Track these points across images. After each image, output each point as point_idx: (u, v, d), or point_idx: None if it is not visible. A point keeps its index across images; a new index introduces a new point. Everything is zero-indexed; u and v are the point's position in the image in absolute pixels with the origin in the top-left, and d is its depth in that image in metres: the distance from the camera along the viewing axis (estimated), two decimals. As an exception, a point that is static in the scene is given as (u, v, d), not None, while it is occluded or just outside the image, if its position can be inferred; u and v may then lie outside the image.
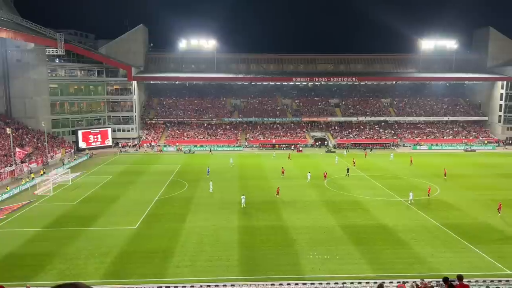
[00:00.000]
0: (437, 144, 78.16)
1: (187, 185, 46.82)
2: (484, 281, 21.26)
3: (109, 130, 77.21)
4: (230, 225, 32.44)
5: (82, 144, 72.29)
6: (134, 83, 79.42)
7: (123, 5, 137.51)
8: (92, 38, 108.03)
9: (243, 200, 37.65)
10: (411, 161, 60.74)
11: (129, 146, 76.05)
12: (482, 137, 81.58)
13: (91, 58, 76.36)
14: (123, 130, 79.60)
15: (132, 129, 79.85)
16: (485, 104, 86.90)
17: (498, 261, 25.50)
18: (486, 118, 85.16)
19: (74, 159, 63.12)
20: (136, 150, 74.39)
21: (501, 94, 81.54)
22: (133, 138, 79.11)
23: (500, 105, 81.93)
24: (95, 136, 74.76)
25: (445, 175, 50.79)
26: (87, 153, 68.10)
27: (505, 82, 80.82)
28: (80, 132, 72.71)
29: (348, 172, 51.98)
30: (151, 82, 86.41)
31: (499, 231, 31.17)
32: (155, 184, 47.23)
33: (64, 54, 69.36)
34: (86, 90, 78.20)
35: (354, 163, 59.27)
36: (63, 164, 58.45)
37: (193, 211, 36.40)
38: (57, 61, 73.57)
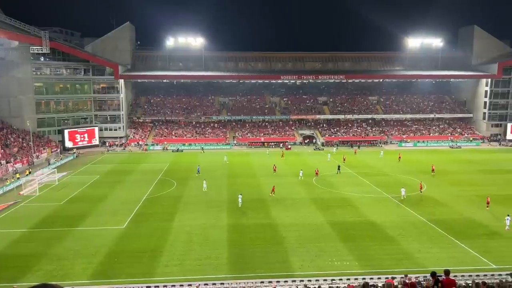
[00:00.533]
0: (423, 141, 79.10)
1: (176, 183, 46.61)
2: (470, 276, 21.65)
3: (96, 129, 76.40)
4: (219, 224, 32.41)
5: (68, 144, 71.40)
6: (121, 81, 78.67)
7: (109, 3, 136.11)
8: (78, 36, 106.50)
9: (240, 199, 37.27)
10: (399, 157, 61.42)
11: (117, 145, 75.38)
12: (467, 134, 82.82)
13: (77, 56, 75.37)
14: (110, 129, 78.81)
15: (120, 128, 79.12)
16: (470, 101, 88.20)
17: (483, 255, 25.95)
18: (471, 115, 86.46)
19: (61, 159, 62.32)
20: (124, 149, 73.79)
21: (486, 91, 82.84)
22: (121, 137, 78.41)
23: (485, 102, 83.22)
24: (82, 135, 73.91)
25: (432, 171, 51.56)
26: (74, 153, 67.29)
27: (489, 80, 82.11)
28: (66, 131, 71.80)
29: (339, 169, 52.34)
30: (139, 80, 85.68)
31: (484, 226, 31.72)
32: (143, 183, 46.91)
33: (49, 52, 68.34)
34: (72, 88, 77.18)
35: (344, 159, 59.80)
36: (49, 164, 57.67)
37: (182, 210, 36.27)
38: (42, 60, 72.42)
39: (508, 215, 31.29)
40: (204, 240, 28.99)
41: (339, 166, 53.13)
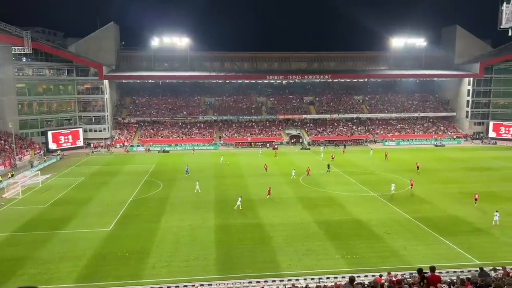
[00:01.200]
0: (408, 140, 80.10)
1: (162, 185, 46.30)
2: (455, 272, 22.05)
3: (81, 130, 75.38)
4: (207, 224, 32.32)
5: (52, 145, 70.26)
6: (106, 82, 77.79)
7: (93, 3, 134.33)
8: (61, 36, 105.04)
9: (239, 202, 36.42)
10: (386, 155, 62.06)
11: (102, 146, 74.49)
12: (451, 132, 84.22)
13: (60, 56, 74.17)
14: (95, 130, 77.85)
15: (104, 129, 78.21)
16: (453, 100, 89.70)
17: (467, 251, 26.45)
18: (454, 113, 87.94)
19: (44, 161, 61.30)
20: (108, 150, 72.96)
21: (468, 90, 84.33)
22: (106, 138, 77.53)
23: (467, 101, 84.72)
24: (66, 137, 72.83)
25: (417, 169, 52.37)
26: (58, 154, 66.26)
27: (471, 79, 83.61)
28: (50, 133, 70.65)
29: (328, 168, 52.73)
30: (123, 81, 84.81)
31: (468, 223, 32.30)
32: (129, 184, 46.47)
33: (31, 52, 67.10)
34: (56, 89, 75.97)
35: (332, 158, 60.38)
36: (32, 166, 56.68)
37: (169, 211, 36.05)
38: (24, 60, 71.08)
39: (496, 211, 32.05)
40: (192, 241, 28.87)
41: (328, 165, 53.52)
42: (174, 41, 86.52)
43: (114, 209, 36.55)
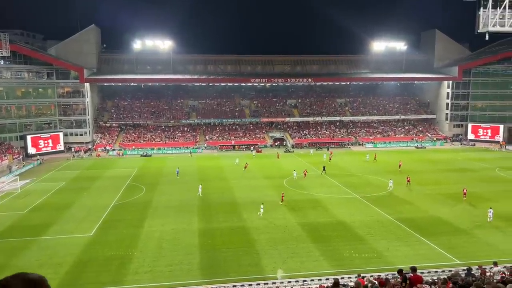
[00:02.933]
0: (390, 142, 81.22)
1: (145, 189, 45.78)
2: (436, 271, 22.39)
3: (61, 134, 74.04)
4: (190, 228, 32.07)
5: (31, 150, 68.79)
6: (87, 85, 76.65)
7: (74, 5, 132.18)
8: (40, 39, 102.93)
9: (261, 210, 35.16)
10: (375, 157, 62.69)
11: (83, 151, 73.24)
12: (431, 134, 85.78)
13: (39, 59, 72.81)
14: (76, 134, 76.57)
15: (86, 133, 76.99)
16: (433, 103, 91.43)
17: (448, 251, 26.90)
18: (434, 116, 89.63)
19: (23, 166, 59.95)
20: (90, 154, 71.82)
21: (447, 93, 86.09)
22: (87, 142, 76.33)
23: (447, 104, 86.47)
24: (46, 141, 71.40)
25: (399, 167, 53.64)
26: (37, 159, 64.89)
27: (450, 82, 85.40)
28: (29, 137, 69.14)
29: (324, 169, 53.06)
30: (105, 84, 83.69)
31: (448, 223, 32.87)
32: (111, 189, 45.80)
33: (9, 55, 65.61)
34: (35, 93, 74.49)
35: (330, 158, 62.20)
36: (10, 171, 55.35)
37: (152, 215, 35.66)
38: (2, 63, 69.51)
39: (490, 208, 33.22)
40: (175, 245, 28.60)
41: (324, 167, 53.85)
42: (157, 43, 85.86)
43: (95, 214, 35.95)
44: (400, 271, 14.50)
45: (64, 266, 25.27)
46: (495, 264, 19.73)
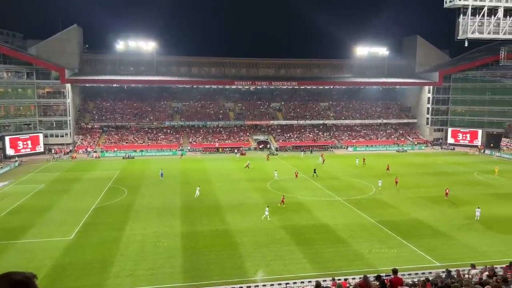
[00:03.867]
0: (372, 146, 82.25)
1: (127, 191, 45.20)
2: (416, 273, 22.71)
3: (41, 135, 72.58)
4: (173, 231, 31.79)
5: (10, 151, 67.20)
6: (68, 85, 75.38)
7: (55, 4, 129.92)
8: (20, 38, 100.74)
9: (266, 212, 35.27)
10: (364, 161, 62.98)
11: (63, 153, 71.92)
12: (412, 138, 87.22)
13: (19, 58, 71.30)
14: (56, 136, 75.15)
15: (66, 134, 75.67)
16: (414, 107, 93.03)
17: (428, 254, 27.33)
18: (415, 120, 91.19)
19: (1, 167, 58.51)
20: (71, 156, 70.53)
21: (428, 98, 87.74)
22: (68, 144, 75.01)
23: (428, 108, 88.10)
24: (25, 142, 69.87)
25: (388, 169, 54.61)
26: (16, 161, 63.43)
27: (431, 87, 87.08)
28: (7, 138, 67.55)
29: (315, 172, 53.52)
30: (87, 85, 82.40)
31: (428, 226, 33.41)
32: (92, 191, 45.07)
33: (-13, 54, 64.21)
34: (14, 93, 72.80)
35: (323, 161, 63.32)
36: (-12, 173, 54.00)
37: (134, 218, 35.21)
38: (-20, 62, 67.91)
39: (478, 207, 34.99)
40: (157, 248, 28.30)
41: (315, 169, 54.31)
42: (140, 44, 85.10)
43: (75, 217, 35.30)
44: (378, 277, 14.68)
45: (43, 270, 24.71)
46: (473, 266, 20.14)
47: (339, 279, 21.10)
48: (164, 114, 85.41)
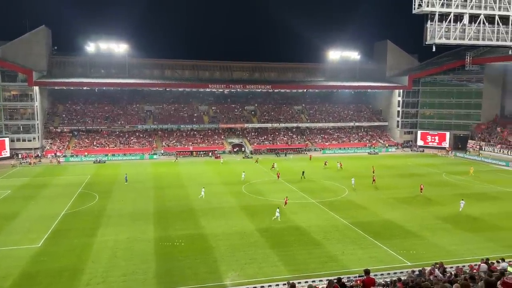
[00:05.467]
0: (345, 148, 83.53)
1: (98, 196, 44.14)
2: (388, 274, 23.15)
3: (7, 140, 70.06)
4: (146, 237, 31.23)
5: (-27, 156, 64.62)
6: (36, 88, 73.13)
7: (22, 3, 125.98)
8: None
9: (277, 213, 35.69)
10: (340, 165, 62.50)
11: (31, 157, 69.57)
12: (383, 141, 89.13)
13: (-17, 60, 68.76)
14: (24, 140, 72.71)
15: (34, 138, 73.29)
16: (385, 110, 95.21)
17: (400, 254, 27.91)
18: (386, 123, 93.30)
19: (-36, 173, 56.10)
20: (40, 161, 68.35)
21: (398, 101, 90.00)
22: (36, 148, 72.65)
23: (398, 111, 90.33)
24: (-10, 147, 67.34)
25: (373, 172, 55.69)
26: (-20, 166, 60.98)
27: (401, 91, 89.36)
28: (-30, 143, 64.94)
29: (303, 174, 54.67)
30: (56, 87, 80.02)
31: (400, 226, 34.14)
32: (61, 197, 43.75)
33: (-51, 55, 61.52)
34: (-22, 95, 70.13)
35: (325, 164, 64.19)
36: (-50, 179, 51.61)
37: (105, 224, 34.40)
38: None
39: (462, 199, 38.65)
40: (130, 254, 27.72)
41: (303, 172, 55.18)
42: (112, 47, 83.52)
43: (44, 224, 34.18)
44: (338, 280, 15.02)
45: (8, 279, 23.77)
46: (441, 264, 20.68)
47: (313, 281, 21.27)
48: (137, 117, 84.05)
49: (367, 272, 16.64)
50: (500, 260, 19.80)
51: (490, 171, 61.81)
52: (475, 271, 18.29)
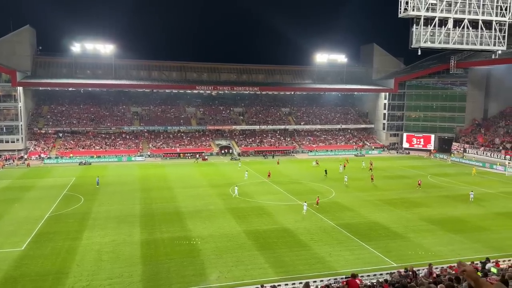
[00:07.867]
0: (332, 150, 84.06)
1: (83, 199, 43.58)
2: (375, 275, 23.32)
3: (-11, 141, 68.72)
4: (132, 240, 30.91)
5: (-46, 158, 63.17)
6: (20, 89, 71.94)
7: (6, 3, 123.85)
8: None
9: (305, 207, 38.12)
10: (325, 173, 60.67)
11: (14, 160, 68.35)
12: (370, 143, 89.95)
13: (-35, 60, 67.39)
14: (7, 141, 71.41)
15: (18, 139, 72.03)
16: (371, 113, 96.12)
17: (386, 255, 28.16)
18: (372, 125, 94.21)
19: None
20: (23, 162, 67.19)
21: (384, 104, 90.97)
22: (19, 150, 71.40)
23: (384, 114, 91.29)
24: (-29, 148, 65.89)
25: (370, 169, 57.61)
26: (-39, 168, 59.65)
27: (387, 93, 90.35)
28: (-49, 144, 63.46)
29: (326, 173, 57.24)
30: (40, 88, 78.92)
31: (386, 228, 34.45)
32: (45, 199, 43.07)
33: None
34: (-41, 96, 68.65)
35: (345, 164, 64.92)
36: None
37: (91, 227, 33.95)
38: None
39: (471, 191, 42.28)
40: (116, 257, 27.41)
41: (326, 170, 57.67)
42: (98, 47, 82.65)
43: (27, 227, 33.58)
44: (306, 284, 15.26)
45: (-9, 284, 23.31)
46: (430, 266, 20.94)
47: (300, 283, 21.30)
48: (123, 119, 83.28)
49: (354, 275, 16.83)
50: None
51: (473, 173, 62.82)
52: (456, 271, 18.55)
